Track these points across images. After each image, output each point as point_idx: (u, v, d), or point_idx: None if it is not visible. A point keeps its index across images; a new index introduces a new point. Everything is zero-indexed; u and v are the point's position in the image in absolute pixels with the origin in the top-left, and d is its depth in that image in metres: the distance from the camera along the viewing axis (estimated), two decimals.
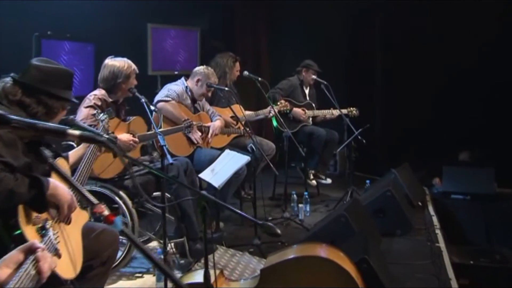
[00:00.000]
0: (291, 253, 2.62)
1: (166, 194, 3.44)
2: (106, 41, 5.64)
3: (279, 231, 1.98)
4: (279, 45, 7.69)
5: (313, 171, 6.11)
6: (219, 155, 4.17)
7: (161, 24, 6.53)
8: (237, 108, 5.18)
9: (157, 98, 4.37)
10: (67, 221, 2.22)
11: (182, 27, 6.84)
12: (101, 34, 5.55)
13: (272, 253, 2.79)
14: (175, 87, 4.53)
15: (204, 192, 2.00)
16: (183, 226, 3.58)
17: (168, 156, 2.85)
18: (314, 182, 6.12)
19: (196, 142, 4.49)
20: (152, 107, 3.49)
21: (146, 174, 3.50)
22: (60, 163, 2.25)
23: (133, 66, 3.75)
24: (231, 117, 5.23)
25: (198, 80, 4.58)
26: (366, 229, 4.10)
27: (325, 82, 5.76)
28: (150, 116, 3.33)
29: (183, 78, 4.69)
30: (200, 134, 4.54)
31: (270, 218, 5.31)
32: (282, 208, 5.38)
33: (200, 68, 4.61)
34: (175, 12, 6.68)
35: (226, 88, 4.67)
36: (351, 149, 5.54)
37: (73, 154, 2.65)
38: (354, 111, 6.09)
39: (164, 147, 2.89)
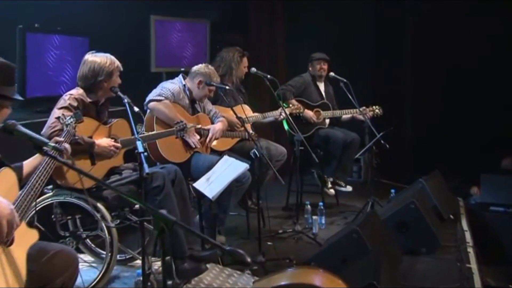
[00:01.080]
0: (282, 279, 2.39)
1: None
2: (102, 35, 5.47)
3: (248, 260, 1.75)
4: (297, 40, 7.50)
5: (331, 179, 5.90)
6: (218, 161, 3.95)
7: (166, 16, 6.39)
8: (243, 109, 5.08)
9: (149, 97, 4.19)
10: (8, 242, 2.03)
11: (190, 19, 6.71)
12: (97, 27, 5.40)
13: (260, 279, 2.56)
14: (171, 85, 4.35)
15: (163, 211, 1.78)
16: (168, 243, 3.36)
17: (145, 166, 2.65)
18: (332, 191, 5.91)
19: (193, 146, 4.27)
20: (137, 109, 3.29)
21: (128, 183, 3.31)
22: (3, 174, 2.06)
23: (117, 62, 3.58)
24: (237, 117, 5.02)
25: (199, 82, 4.42)
26: (383, 247, 3.84)
27: (344, 80, 5.52)
28: (132, 119, 3.14)
29: (180, 76, 4.52)
30: (198, 137, 4.35)
31: (280, 231, 5.14)
32: (294, 220, 5.17)
33: (199, 68, 4.43)
34: (181, 2, 6.56)
35: (227, 87, 4.46)
36: (372, 154, 5.22)
37: (28, 164, 2.46)
38: (377, 110, 5.86)
39: (142, 155, 2.68)
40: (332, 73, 5.75)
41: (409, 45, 7.26)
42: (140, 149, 2.78)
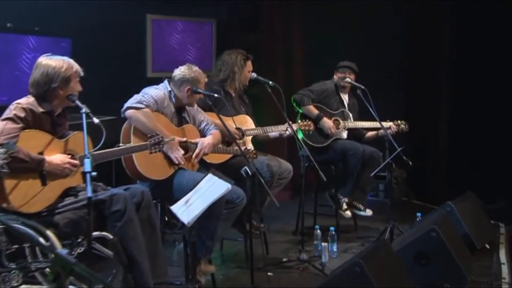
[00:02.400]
0: None
1: (108, 234, 3.02)
2: (88, 36, 5.39)
3: None
4: (317, 41, 7.28)
5: (346, 199, 5.64)
6: (202, 179, 3.74)
7: (165, 15, 6.26)
8: (243, 121, 4.94)
9: (127, 103, 4.01)
10: None
11: (193, 18, 6.57)
12: (81, 27, 5.31)
13: None
14: (154, 92, 4.16)
15: (61, 251, 1.54)
16: (130, 276, 3.14)
17: (89, 188, 2.42)
18: (348, 213, 5.65)
19: (176, 162, 4.05)
20: (96, 120, 3.08)
21: (83, 207, 3.09)
22: None
23: (76, 67, 3.39)
24: (237, 128, 4.88)
25: (188, 90, 4.23)
26: (394, 283, 3.55)
27: (362, 87, 5.33)
28: (85, 133, 2.93)
29: (166, 81, 4.32)
30: (182, 152, 4.13)
31: (284, 260, 4.92)
32: (299, 247, 4.94)
33: (183, 72, 4.25)
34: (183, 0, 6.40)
35: (216, 95, 4.24)
36: (391, 172, 5.01)
37: None
38: (402, 125, 5.65)
39: (88, 175, 2.46)
40: (348, 79, 5.56)
41: (447, 49, 7.05)
42: (87, 168, 2.56)
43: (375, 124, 5.50)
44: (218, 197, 3.50)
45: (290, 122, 4.85)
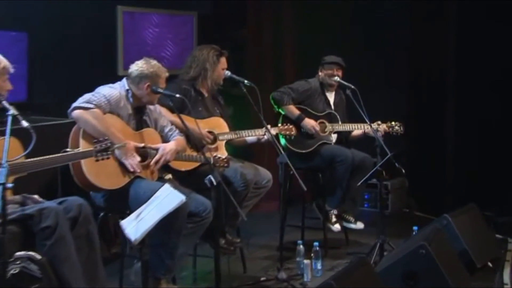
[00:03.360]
0: None
1: (35, 254, 2.85)
2: (48, 30, 5.24)
3: None
4: (310, 36, 7.19)
5: (335, 211, 5.48)
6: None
7: (138, 6, 6.11)
8: (215, 124, 4.81)
9: (75, 103, 3.84)
10: None
11: (170, 11, 6.42)
12: (40, 19, 5.16)
13: None
14: (108, 91, 4.01)
15: None
16: None
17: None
18: (337, 226, 5.48)
19: (131, 170, 3.91)
20: (25, 124, 2.92)
21: (9, 223, 2.91)
22: None
23: (4, 63, 3.24)
24: (208, 132, 4.73)
25: (147, 86, 4.08)
26: None
27: (352, 86, 5.19)
28: (7, 138, 2.76)
29: (124, 80, 4.17)
30: (139, 159, 3.97)
31: (262, 279, 4.80)
32: (277, 265, 4.78)
33: (142, 67, 4.10)
34: None
35: (178, 95, 4.08)
36: (381, 181, 4.89)
37: None
38: (397, 127, 5.48)
39: (1, 187, 2.28)
40: (337, 78, 5.42)
41: (451, 49, 6.95)
42: (1, 179, 2.38)
43: (365, 127, 5.37)
44: (170, 210, 3.35)
45: (269, 126, 4.72)
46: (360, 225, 5.52)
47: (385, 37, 7.00)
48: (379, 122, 5.39)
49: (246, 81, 4.61)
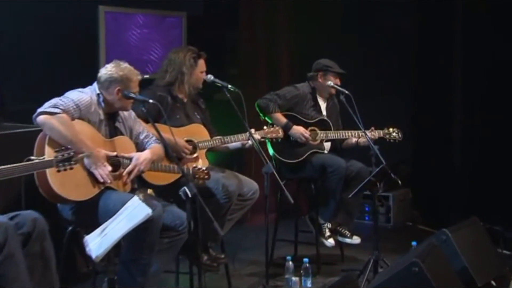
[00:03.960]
0: None
1: None
2: (22, 31, 5.16)
3: None
4: (307, 41, 7.14)
5: (328, 225, 5.40)
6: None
7: (122, 6, 6.04)
8: (195, 131, 4.75)
9: (40, 108, 3.77)
10: None
11: (157, 11, 6.34)
12: (13, 19, 5.11)
13: None
14: (77, 95, 3.94)
15: None
16: None
17: None
18: (331, 241, 5.40)
19: (101, 180, 3.83)
20: None
21: None
22: None
23: None
24: (188, 141, 4.66)
25: (118, 91, 4.01)
26: None
27: (346, 91, 5.15)
28: None
29: (95, 84, 4.07)
30: (109, 168, 3.88)
31: None
32: (263, 282, 4.71)
33: (111, 71, 4.03)
34: None
35: (151, 100, 4.00)
36: (374, 193, 4.78)
37: None
38: (394, 133, 5.43)
39: None
40: (330, 82, 5.36)
41: (458, 46, 6.89)
42: None
43: (359, 134, 5.32)
44: (135, 224, 3.25)
45: (253, 130, 4.68)
46: (356, 240, 5.41)
47: (388, 37, 6.97)
48: (373, 128, 5.32)
49: (229, 86, 4.55)
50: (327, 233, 5.39)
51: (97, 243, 3.21)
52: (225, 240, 5.65)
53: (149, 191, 4.25)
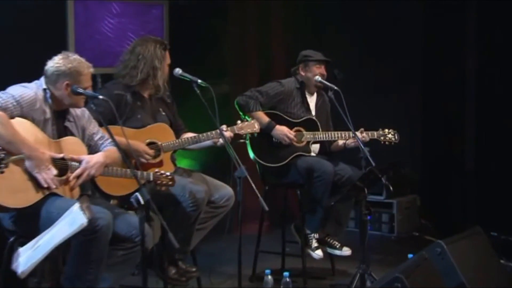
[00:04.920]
0: None
1: None
2: None
3: None
4: (303, 30, 7.14)
5: (315, 235, 5.31)
6: None
7: None
8: (158, 131, 4.65)
9: None
10: None
11: None
12: None
13: None
14: (19, 90, 3.84)
15: None
16: None
17: None
18: (318, 253, 5.30)
19: (45, 185, 3.73)
20: None
21: None
22: None
23: None
24: (149, 144, 4.55)
25: (66, 85, 3.89)
26: None
27: (335, 87, 5.10)
28: None
29: (42, 78, 3.98)
30: (55, 172, 3.78)
31: None
32: None
33: (58, 63, 3.92)
34: None
35: (101, 96, 3.91)
36: (362, 199, 4.60)
37: None
38: (390, 135, 5.34)
39: None
40: (318, 77, 5.29)
41: (471, 40, 6.88)
42: None
43: (349, 135, 5.21)
44: (68, 236, 3.13)
45: (224, 127, 4.60)
46: (346, 252, 5.31)
47: (393, 35, 6.98)
48: (362, 130, 5.22)
49: (199, 81, 4.42)
50: (314, 244, 5.29)
51: (27, 257, 3.10)
52: (205, 251, 5.64)
53: (113, 202, 4.20)
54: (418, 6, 6.94)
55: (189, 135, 4.76)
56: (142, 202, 3.59)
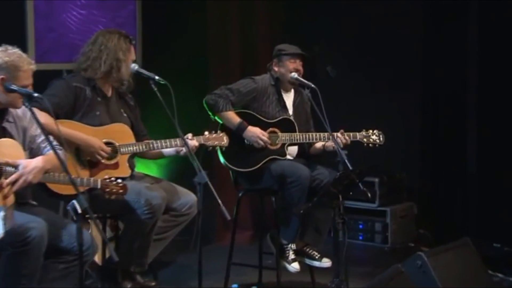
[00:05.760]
0: None
1: None
2: None
3: None
4: (294, 18, 7.12)
5: (293, 246, 5.23)
6: None
7: None
8: (117, 131, 4.62)
9: None
10: None
11: None
12: None
13: None
14: None
15: None
16: None
17: None
18: (295, 266, 5.20)
19: None
20: None
21: None
22: None
23: None
24: (106, 144, 4.50)
25: (2, 80, 3.84)
26: None
27: (312, 85, 5.06)
28: None
29: None
30: None
31: None
32: None
33: None
34: None
35: (36, 94, 3.85)
36: (335, 206, 4.54)
37: None
38: (374, 136, 5.29)
39: None
40: (294, 74, 5.22)
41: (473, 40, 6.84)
42: None
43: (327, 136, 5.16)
44: None
45: (190, 135, 4.60)
46: (325, 263, 5.22)
47: (390, 34, 6.96)
48: (342, 131, 5.16)
49: (157, 77, 4.37)
50: (291, 256, 5.20)
51: None
52: (175, 262, 5.59)
53: None
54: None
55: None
56: (79, 210, 3.50)
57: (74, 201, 3.51)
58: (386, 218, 6.69)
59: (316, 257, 5.23)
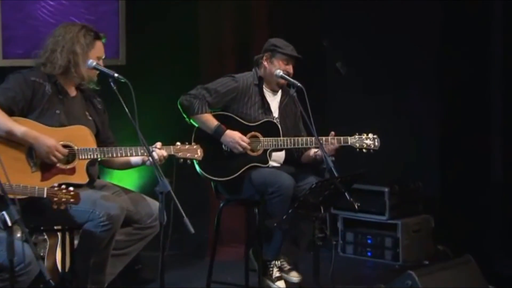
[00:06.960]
0: None
1: None
2: None
3: None
4: (292, 16, 7.21)
5: (277, 263, 5.26)
6: None
7: None
8: (77, 134, 4.57)
9: None
10: None
11: None
12: None
13: None
14: None
15: None
16: None
17: None
18: (280, 285, 5.23)
19: None
20: None
21: None
22: None
23: None
24: (65, 146, 4.47)
25: None
26: None
27: (298, 84, 5.08)
28: None
29: None
30: None
31: None
32: None
33: None
34: None
35: None
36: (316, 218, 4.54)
37: None
38: (368, 141, 5.29)
39: None
40: (279, 71, 5.24)
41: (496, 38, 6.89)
42: None
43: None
44: None
45: (159, 144, 4.57)
46: (294, 278, 5.29)
47: (407, 26, 6.97)
48: (333, 133, 5.18)
49: (116, 75, 4.37)
50: (276, 274, 5.23)
51: None
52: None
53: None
54: None
55: None
56: (9, 223, 3.49)
57: (4, 213, 3.50)
58: (397, 232, 6.64)
59: (285, 269, 5.27)
